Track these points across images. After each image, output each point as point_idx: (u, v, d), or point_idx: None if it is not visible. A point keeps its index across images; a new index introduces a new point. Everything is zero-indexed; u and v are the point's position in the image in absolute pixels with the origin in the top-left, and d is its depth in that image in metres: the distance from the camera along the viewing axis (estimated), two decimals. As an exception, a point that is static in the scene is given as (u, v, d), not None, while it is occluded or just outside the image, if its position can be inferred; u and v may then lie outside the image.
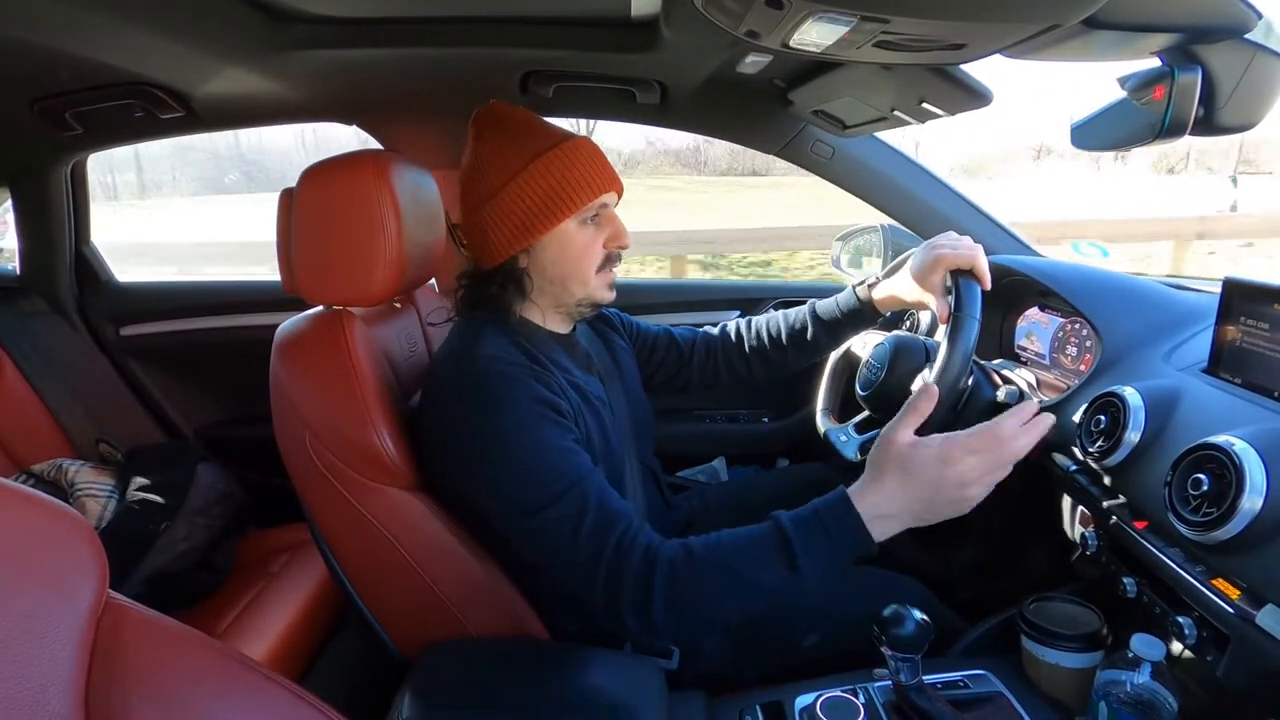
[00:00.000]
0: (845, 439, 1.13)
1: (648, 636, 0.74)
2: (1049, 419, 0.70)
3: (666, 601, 0.70)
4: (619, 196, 0.90)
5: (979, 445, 0.68)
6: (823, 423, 1.20)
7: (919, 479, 0.68)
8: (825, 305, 1.09)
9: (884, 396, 1.04)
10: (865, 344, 1.14)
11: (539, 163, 0.83)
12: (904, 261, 1.01)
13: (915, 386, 0.98)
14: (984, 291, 0.90)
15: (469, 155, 0.88)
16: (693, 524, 1.08)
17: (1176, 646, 0.65)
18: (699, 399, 1.66)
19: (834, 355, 1.22)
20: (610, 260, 0.89)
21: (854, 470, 1.06)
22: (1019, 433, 0.69)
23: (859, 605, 0.79)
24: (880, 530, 0.68)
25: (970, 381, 0.97)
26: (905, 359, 1.02)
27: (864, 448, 1.09)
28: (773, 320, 1.13)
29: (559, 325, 0.93)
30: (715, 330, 1.17)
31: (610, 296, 0.91)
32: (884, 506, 0.68)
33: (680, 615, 0.71)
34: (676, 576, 0.71)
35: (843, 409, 1.22)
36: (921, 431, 0.74)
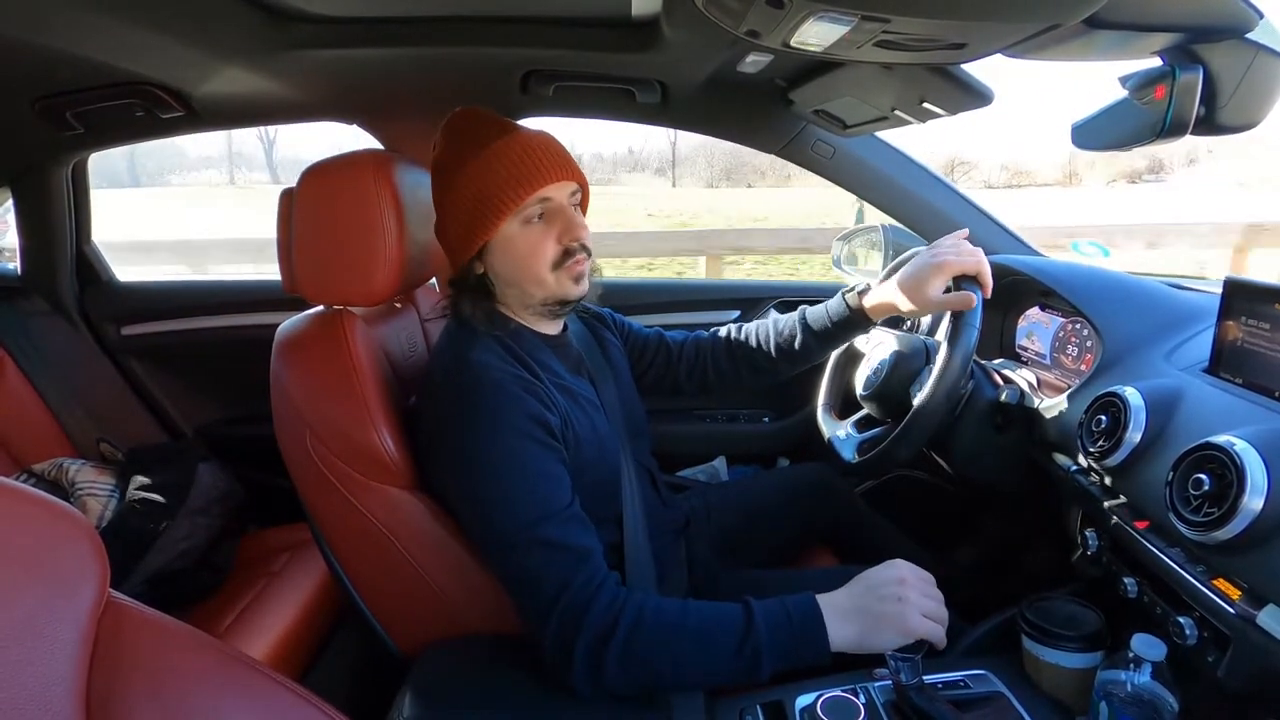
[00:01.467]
0: (844, 437, 1.13)
1: (591, 685, 0.71)
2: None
3: (624, 653, 0.70)
4: (580, 186, 0.86)
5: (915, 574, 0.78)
6: (823, 420, 1.20)
7: (865, 580, 0.77)
8: (815, 313, 1.06)
9: (884, 397, 1.04)
10: (869, 341, 1.14)
11: (471, 165, 0.80)
12: (904, 264, 1.00)
13: (915, 389, 0.99)
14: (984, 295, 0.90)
15: (431, 164, 0.87)
16: (691, 523, 1.08)
17: (1177, 647, 0.65)
18: (698, 399, 1.65)
19: (836, 350, 1.22)
20: (569, 254, 0.84)
21: (852, 470, 1.07)
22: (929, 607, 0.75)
23: None
24: (833, 629, 0.72)
25: (970, 385, 0.97)
26: (906, 361, 1.03)
27: (862, 448, 1.09)
28: (763, 327, 1.11)
29: (546, 326, 0.92)
30: (707, 334, 1.16)
31: (580, 290, 0.86)
32: (837, 603, 0.75)
33: (633, 670, 0.70)
34: (640, 632, 0.71)
35: (844, 406, 1.22)
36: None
